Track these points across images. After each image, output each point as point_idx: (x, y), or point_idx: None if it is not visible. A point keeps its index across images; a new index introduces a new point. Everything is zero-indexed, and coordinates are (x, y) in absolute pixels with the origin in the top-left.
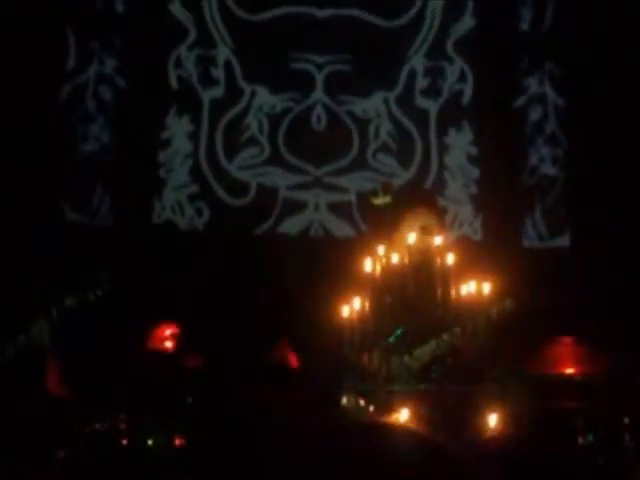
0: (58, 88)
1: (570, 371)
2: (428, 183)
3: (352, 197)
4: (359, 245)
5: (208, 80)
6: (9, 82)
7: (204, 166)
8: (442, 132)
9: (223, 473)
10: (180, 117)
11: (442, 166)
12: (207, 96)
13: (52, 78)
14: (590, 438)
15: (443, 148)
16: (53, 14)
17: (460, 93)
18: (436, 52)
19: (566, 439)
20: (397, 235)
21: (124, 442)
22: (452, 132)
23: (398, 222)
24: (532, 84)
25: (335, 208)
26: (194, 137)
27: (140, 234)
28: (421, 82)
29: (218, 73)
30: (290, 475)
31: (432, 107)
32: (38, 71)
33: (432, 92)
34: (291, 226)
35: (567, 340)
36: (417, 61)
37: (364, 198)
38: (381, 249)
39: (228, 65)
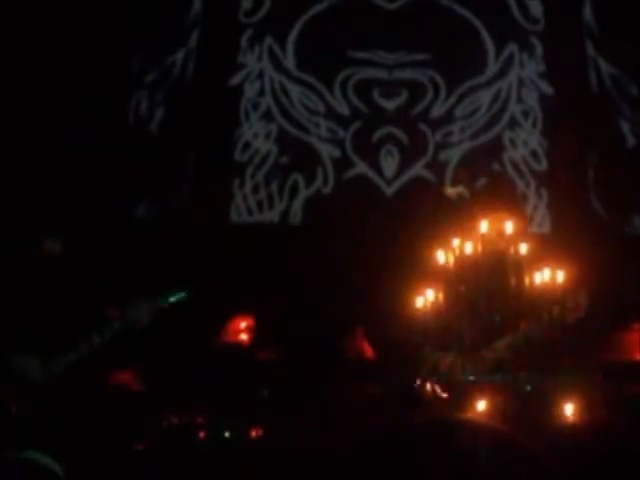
0: None
1: None
2: None
3: None
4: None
5: None
6: None
7: None
8: None
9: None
10: None
11: None
12: None
13: None
14: None
15: None
16: None
17: None
18: None
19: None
20: (472, 226)
21: (201, 435)
22: None
23: (472, 213)
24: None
25: None
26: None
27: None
28: None
29: None
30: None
31: None
32: None
33: None
34: None
35: (638, 327)
36: None
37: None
38: (455, 240)
39: None
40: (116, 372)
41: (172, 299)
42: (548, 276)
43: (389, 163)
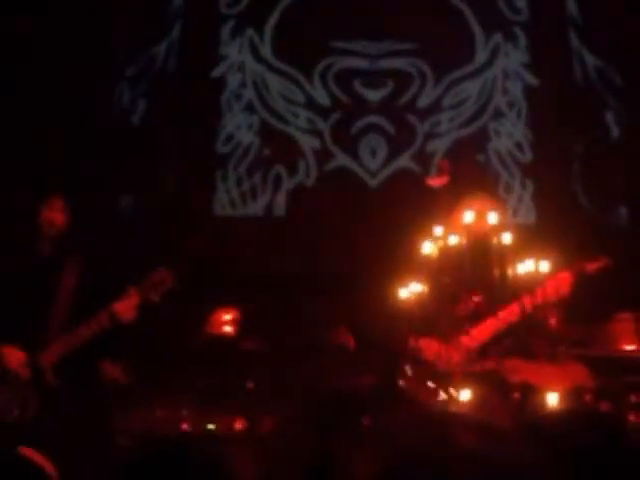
0: None
1: (631, 347)
2: None
3: None
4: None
5: None
6: None
7: None
8: None
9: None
10: None
11: None
12: None
13: None
14: None
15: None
16: None
17: None
18: None
19: (628, 416)
20: (454, 216)
21: (185, 427)
22: None
23: (455, 204)
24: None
25: None
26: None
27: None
28: None
29: None
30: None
31: None
32: None
33: None
34: None
35: (626, 316)
36: None
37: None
38: (438, 231)
39: None
40: (105, 366)
41: None
42: (532, 266)
43: (374, 154)
